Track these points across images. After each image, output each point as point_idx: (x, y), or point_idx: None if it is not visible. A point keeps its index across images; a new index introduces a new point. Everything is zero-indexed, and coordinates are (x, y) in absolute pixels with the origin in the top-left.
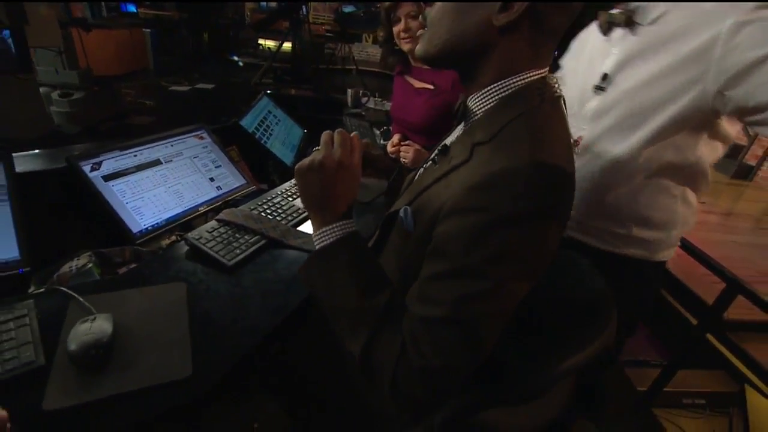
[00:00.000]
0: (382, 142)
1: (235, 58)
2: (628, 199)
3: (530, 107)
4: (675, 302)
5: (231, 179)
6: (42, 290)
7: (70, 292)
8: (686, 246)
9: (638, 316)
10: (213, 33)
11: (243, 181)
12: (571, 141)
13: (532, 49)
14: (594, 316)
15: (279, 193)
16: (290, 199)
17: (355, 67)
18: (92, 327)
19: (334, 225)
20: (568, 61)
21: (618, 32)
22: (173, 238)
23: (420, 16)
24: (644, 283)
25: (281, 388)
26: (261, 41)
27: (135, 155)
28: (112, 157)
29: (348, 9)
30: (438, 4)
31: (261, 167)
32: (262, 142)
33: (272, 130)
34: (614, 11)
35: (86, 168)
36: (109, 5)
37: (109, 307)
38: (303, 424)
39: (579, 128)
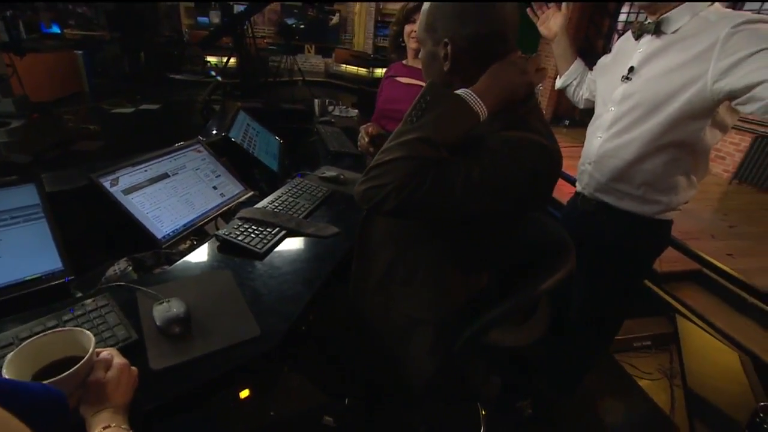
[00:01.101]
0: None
1: (213, 74)
2: (642, 167)
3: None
4: None
5: (231, 186)
6: (95, 289)
7: (135, 286)
8: None
9: (641, 269)
10: (150, 52)
11: (241, 188)
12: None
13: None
14: (559, 256)
15: (285, 191)
16: (294, 198)
17: (302, 77)
18: (170, 306)
19: None
20: (602, 60)
21: (646, 37)
22: (188, 243)
23: None
24: (648, 237)
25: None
26: (209, 58)
27: (145, 170)
28: (127, 173)
29: (290, 21)
30: None
31: (248, 176)
32: (250, 152)
33: (255, 141)
34: (646, 21)
35: (106, 184)
36: (29, 26)
37: (172, 293)
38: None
39: (607, 109)
